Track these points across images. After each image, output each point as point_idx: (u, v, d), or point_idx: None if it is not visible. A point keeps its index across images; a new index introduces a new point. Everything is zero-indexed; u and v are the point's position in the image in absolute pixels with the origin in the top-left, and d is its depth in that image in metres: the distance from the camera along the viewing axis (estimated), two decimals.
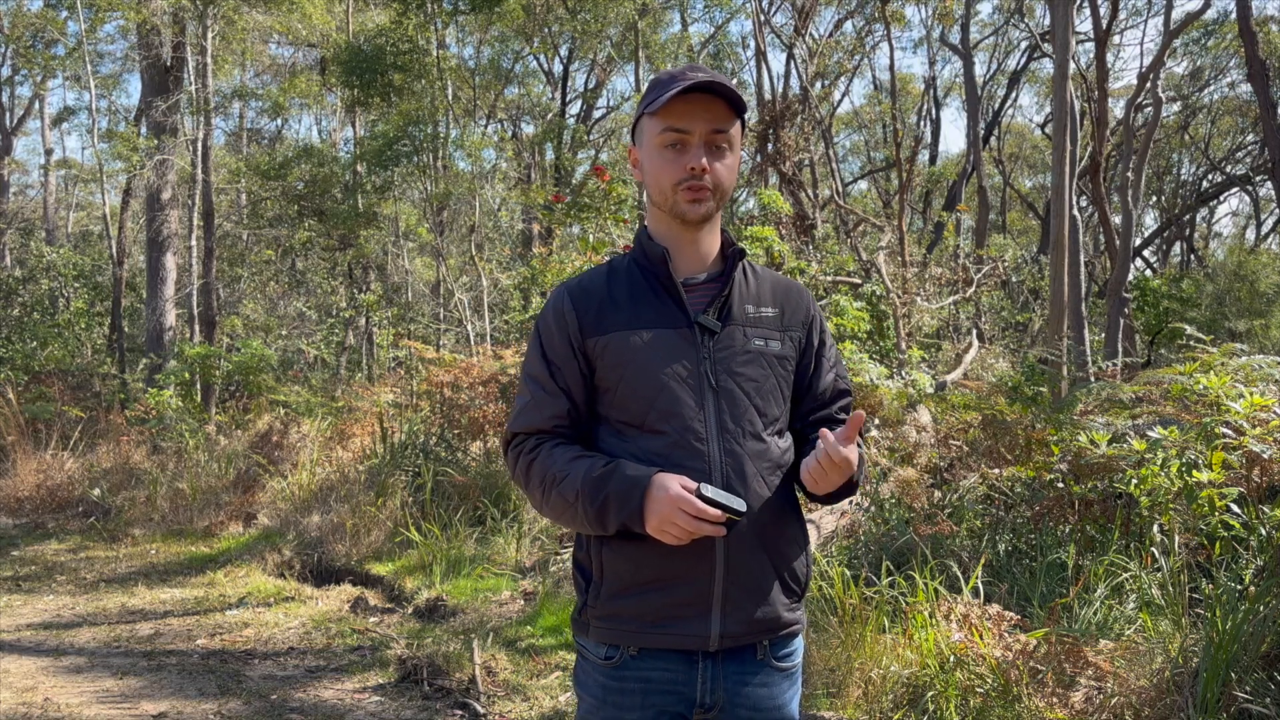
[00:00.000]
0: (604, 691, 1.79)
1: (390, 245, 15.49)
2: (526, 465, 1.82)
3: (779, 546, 1.80)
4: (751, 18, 15.89)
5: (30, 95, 25.19)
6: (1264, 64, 11.87)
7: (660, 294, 1.82)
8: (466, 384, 7.61)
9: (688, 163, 1.76)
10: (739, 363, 1.79)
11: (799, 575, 1.84)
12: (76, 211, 29.70)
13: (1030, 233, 28.15)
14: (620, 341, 1.78)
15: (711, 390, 1.76)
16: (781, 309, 1.88)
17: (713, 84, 1.75)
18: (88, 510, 8.90)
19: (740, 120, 1.82)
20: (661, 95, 1.75)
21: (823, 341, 1.93)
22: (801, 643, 1.90)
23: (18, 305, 16.25)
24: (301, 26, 14.53)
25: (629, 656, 1.77)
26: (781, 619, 1.81)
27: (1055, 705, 3.26)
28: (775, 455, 1.80)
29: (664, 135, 1.78)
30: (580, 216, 9.06)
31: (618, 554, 1.76)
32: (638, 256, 1.86)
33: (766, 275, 1.92)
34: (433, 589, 5.79)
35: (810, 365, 1.90)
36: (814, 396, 1.90)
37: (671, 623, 1.74)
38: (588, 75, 22.18)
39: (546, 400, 1.83)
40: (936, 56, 25.71)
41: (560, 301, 1.85)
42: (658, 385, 1.75)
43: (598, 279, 1.86)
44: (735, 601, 1.74)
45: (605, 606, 1.78)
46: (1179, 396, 4.58)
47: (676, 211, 1.80)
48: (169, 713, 4.29)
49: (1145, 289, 17.23)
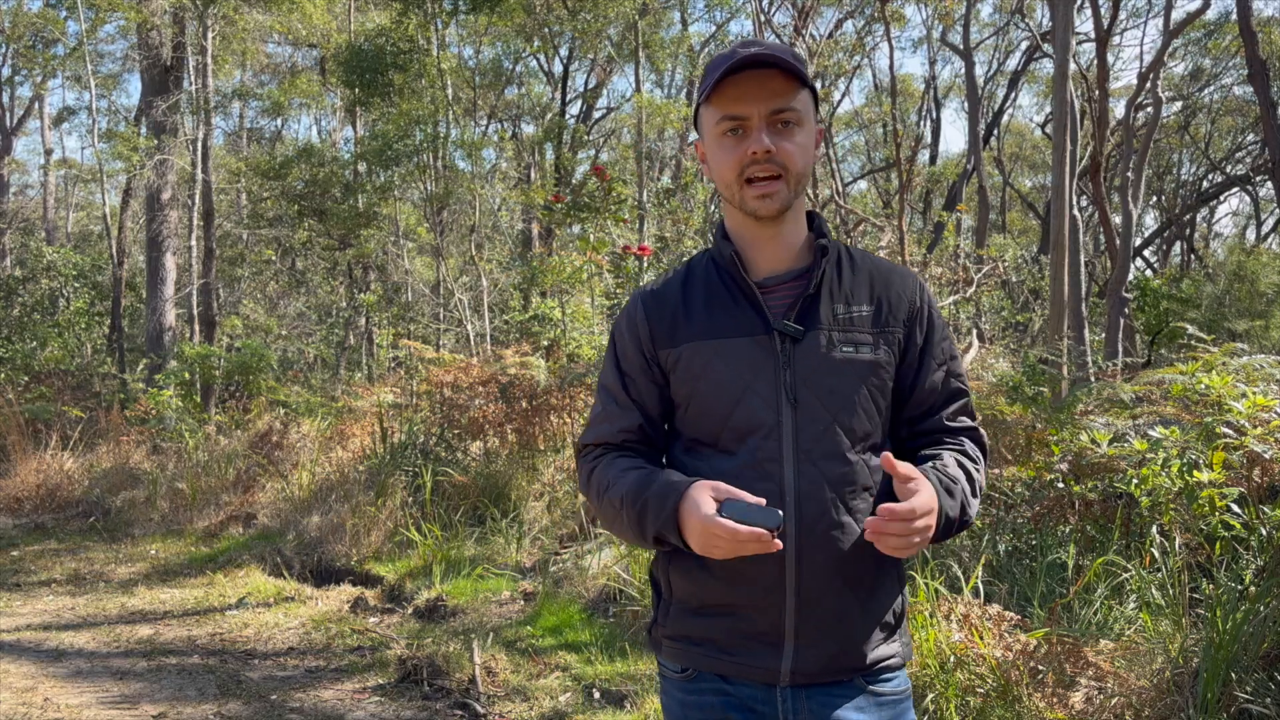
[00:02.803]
0: (682, 708, 1.67)
1: (390, 245, 15.49)
2: (588, 474, 1.72)
3: (864, 580, 1.60)
4: (752, 18, 15.90)
5: (30, 95, 25.21)
6: (1264, 64, 11.87)
7: (737, 298, 1.65)
8: (466, 384, 7.61)
9: (749, 147, 1.58)
10: (823, 373, 1.59)
11: (893, 610, 1.65)
12: (76, 211, 29.71)
13: (1030, 233, 28.14)
14: (693, 353, 1.64)
15: (790, 405, 1.58)
16: (878, 306, 1.65)
17: (764, 56, 1.56)
18: (87, 510, 8.89)
19: (808, 89, 1.62)
20: (711, 79, 1.59)
21: (929, 336, 1.68)
22: (906, 675, 1.70)
23: (18, 305, 16.24)
24: (301, 26, 14.53)
25: (702, 671, 1.65)
26: (868, 658, 1.61)
27: (1055, 705, 3.25)
28: (863, 477, 1.59)
29: (721, 123, 1.61)
30: (580, 216, 9.06)
31: (683, 574, 1.64)
32: (715, 255, 1.72)
33: (867, 264, 1.69)
34: (433, 589, 5.79)
35: (914, 364, 1.67)
36: (918, 401, 1.67)
37: (741, 651, 1.60)
38: (588, 75, 22.19)
39: (617, 413, 1.71)
40: (936, 56, 25.71)
41: (634, 309, 1.73)
42: (731, 401, 1.60)
43: (673, 284, 1.72)
44: (810, 638, 1.57)
45: (674, 626, 1.67)
46: (1180, 396, 4.57)
47: (746, 208, 1.63)
48: (168, 713, 4.28)
49: (1145, 289, 17.21)
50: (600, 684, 4.32)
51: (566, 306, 9.40)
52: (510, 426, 7.31)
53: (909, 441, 1.69)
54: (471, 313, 12.76)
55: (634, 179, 12.73)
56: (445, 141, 12.65)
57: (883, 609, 1.63)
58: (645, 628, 1.78)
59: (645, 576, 4.95)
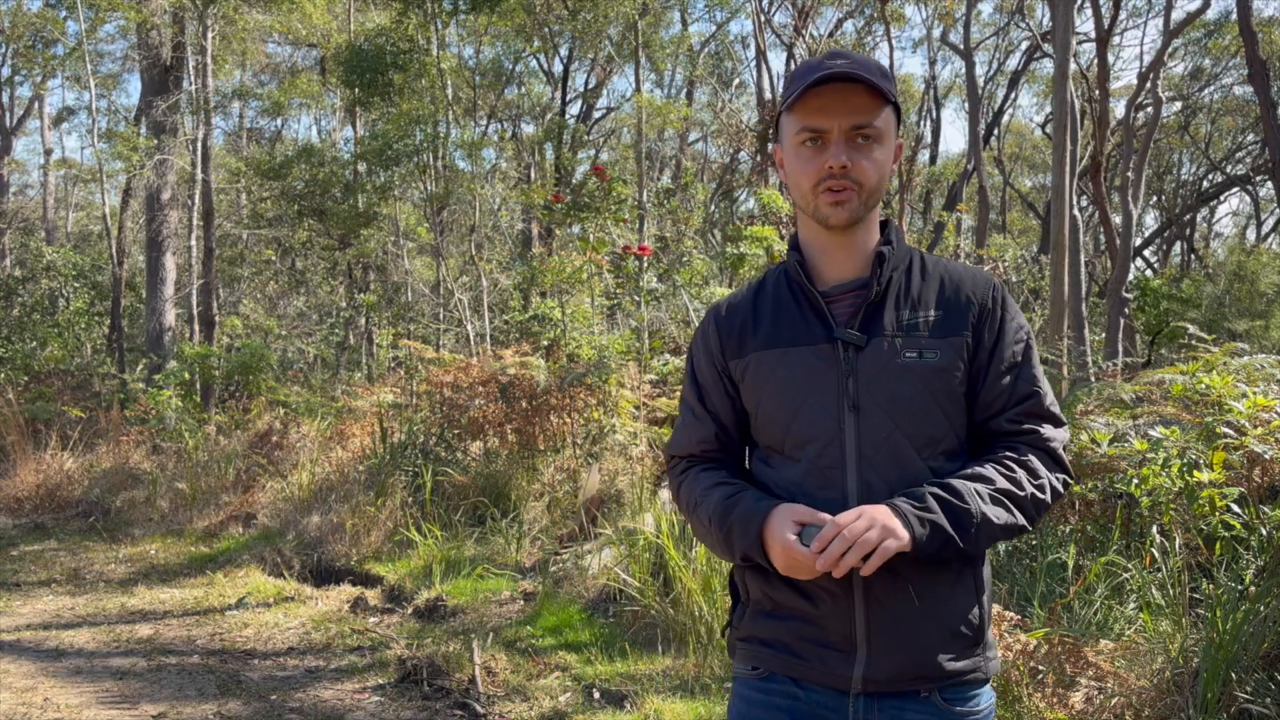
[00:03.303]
0: (748, 704, 1.70)
1: (390, 245, 15.50)
2: (676, 489, 1.79)
3: (935, 588, 1.58)
4: (752, 17, 15.90)
5: (30, 95, 25.21)
6: (1264, 64, 11.87)
7: (803, 307, 1.68)
8: (466, 384, 7.60)
9: (826, 161, 1.60)
10: (885, 380, 1.60)
11: (968, 620, 1.61)
12: (76, 211, 29.71)
13: (1030, 233, 28.15)
14: (758, 363, 1.68)
15: (852, 412, 1.60)
16: (946, 310, 1.64)
17: (850, 72, 1.57)
18: (87, 510, 8.89)
19: (891, 106, 1.62)
20: (795, 90, 1.60)
21: (999, 338, 1.65)
22: (990, 692, 1.67)
23: (18, 305, 16.25)
24: (301, 26, 14.53)
25: (774, 672, 1.67)
26: (944, 669, 1.60)
27: (1055, 705, 3.25)
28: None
29: (801, 134, 1.62)
30: (580, 216, 9.05)
31: (757, 579, 1.68)
32: (787, 267, 1.74)
33: (939, 270, 1.69)
34: (432, 589, 5.79)
35: (983, 366, 1.65)
36: (985, 403, 1.65)
37: (813, 657, 1.62)
38: (588, 75, 22.18)
39: (695, 425, 1.77)
40: (936, 56, 25.69)
41: (707, 323, 1.78)
42: (793, 408, 1.63)
43: (745, 296, 1.77)
44: (881, 646, 1.58)
45: (747, 628, 1.71)
46: (1180, 396, 4.57)
47: (819, 216, 1.65)
48: (168, 713, 4.28)
49: (1145, 289, 17.22)
50: (600, 684, 4.32)
51: (566, 306, 9.40)
52: (510, 426, 7.31)
53: (978, 446, 1.68)
54: (471, 313, 12.76)
55: (634, 179, 12.72)
56: (445, 141, 12.65)
57: (956, 618, 1.61)
58: (723, 633, 1.80)
59: (645, 577, 4.96)
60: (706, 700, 4.03)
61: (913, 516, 1.52)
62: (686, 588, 4.68)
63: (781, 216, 11.04)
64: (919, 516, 1.52)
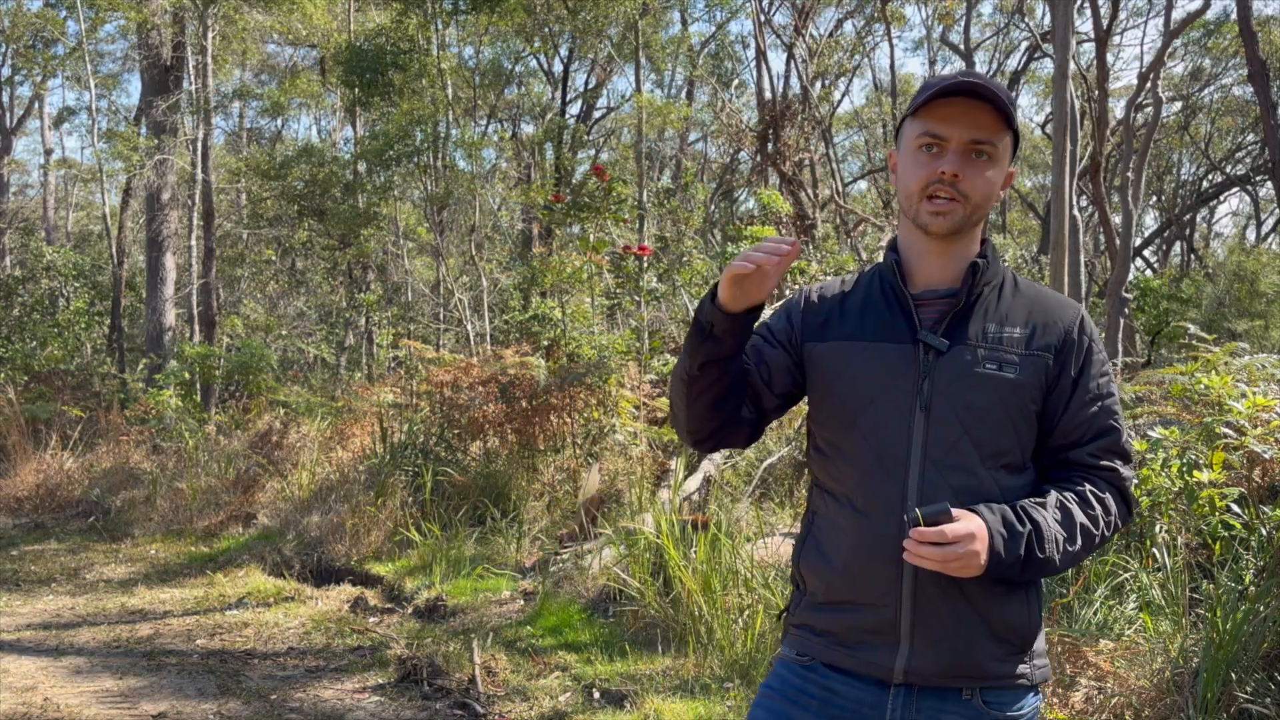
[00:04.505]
0: (782, 683, 1.74)
1: (390, 245, 15.50)
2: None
3: (980, 592, 1.61)
4: (751, 17, 15.90)
5: (30, 95, 25.19)
6: (1264, 64, 11.87)
7: (891, 306, 1.71)
8: (466, 384, 7.60)
9: (939, 167, 1.63)
10: (962, 387, 1.63)
11: (1013, 625, 1.65)
12: (76, 211, 29.69)
13: (1030, 233, 28.14)
14: (836, 351, 1.72)
15: (923, 413, 1.63)
16: (1032, 330, 1.67)
17: (979, 87, 1.61)
18: (87, 510, 8.89)
19: (1012, 132, 1.66)
20: (923, 95, 1.65)
21: (1084, 370, 1.68)
22: (1035, 700, 1.70)
23: (18, 305, 16.24)
24: (301, 26, 14.53)
25: (820, 664, 1.70)
26: (985, 669, 1.63)
27: (1055, 705, 3.25)
28: (990, 492, 1.61)
29: (920, 138, 1.66)
30: (580, 216, 9.05)
31: (812, 570, 1.72)
32: (882, 268, 1.77)
33: (1030, 292, 1.73)
34: (433, 589, 5.79)
35: (1065, 394, 1.67)
36: (1063, 431, 1.68)
37: (859, 646, 1.66)
38: (588, 75, 22.16)
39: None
40: (936, 57, 25.69)
41: (798, 299, 1.82)
42: (864, 401, 1.66)
43: (837, 286, 1.81)
44: (926, 639, 1.61)
45: (801, 616, 1.75)
46: (1180, 396, 4.57)
47: (919, 220, 1.67)
48: (168, 713, 4.28)
49: (1145, 289, 17.20)
50: (600, 684, 4.32)
51: (566, 306, 9.39)
52: (510, 426, 7.31)
53: (1052, 471, 1.70)
54: (471, 313, 12.75)
55: (634, 179, 12.72)
56: (445, 141, 12.65)
57: (1003, 623, 1.64)
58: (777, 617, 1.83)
59: (645, 577, 4.96)
60: (706, 700, 4.03)
61: (1001, 555, 1.55)
62: (686, 588, 4.68)
63: (781, 216, 11.04)
64: (1006, 562, 1.56)
